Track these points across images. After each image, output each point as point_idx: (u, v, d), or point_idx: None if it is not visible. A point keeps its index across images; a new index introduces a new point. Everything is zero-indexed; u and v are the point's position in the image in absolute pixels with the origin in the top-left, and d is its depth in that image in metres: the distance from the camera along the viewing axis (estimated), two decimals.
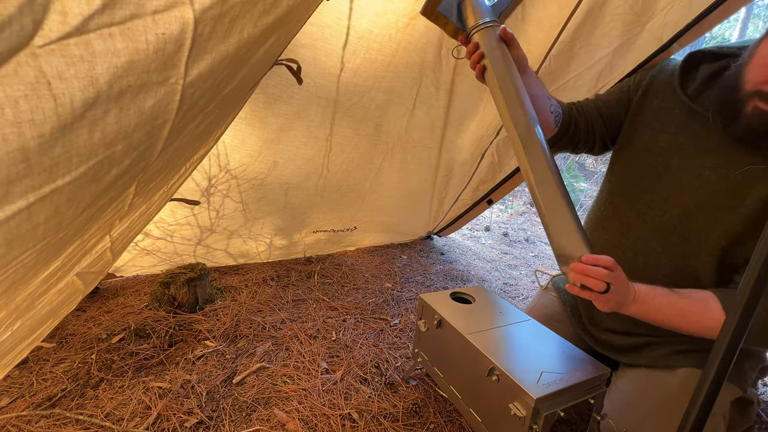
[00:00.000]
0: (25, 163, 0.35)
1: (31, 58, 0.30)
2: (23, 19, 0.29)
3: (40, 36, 0.30)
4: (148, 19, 0.34)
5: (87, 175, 0.44)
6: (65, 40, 0.31)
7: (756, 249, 0.52)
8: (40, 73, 0.31)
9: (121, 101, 0.38)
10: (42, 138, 0.34)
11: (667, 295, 0.82)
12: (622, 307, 0.80)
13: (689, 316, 0.81)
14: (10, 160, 0.34)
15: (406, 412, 1.16)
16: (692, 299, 0.82)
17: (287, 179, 1.75)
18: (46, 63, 0.31)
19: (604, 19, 1.42)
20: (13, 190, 0.37)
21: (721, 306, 0.80)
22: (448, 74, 1.62)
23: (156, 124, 0.47)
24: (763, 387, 1.48)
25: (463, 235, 3.18)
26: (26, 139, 0.33)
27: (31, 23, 0.29)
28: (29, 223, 0.42)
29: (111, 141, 0.42)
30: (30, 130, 0.33)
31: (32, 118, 0.32)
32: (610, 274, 0.73)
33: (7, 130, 0.31)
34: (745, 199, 0.81)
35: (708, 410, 0.58)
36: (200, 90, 0.50)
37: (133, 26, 0.34)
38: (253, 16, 0.47)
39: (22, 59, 0.30)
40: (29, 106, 0.32)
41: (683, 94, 0.91)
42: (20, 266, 0.48)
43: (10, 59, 0.29)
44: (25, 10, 0.29)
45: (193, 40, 0.39)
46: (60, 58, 0.31)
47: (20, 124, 0.32)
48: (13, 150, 0.33)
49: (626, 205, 1.01)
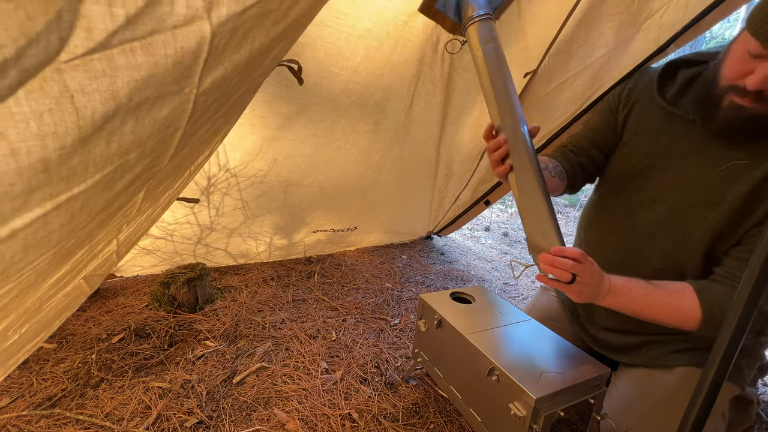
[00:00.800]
0: (46, 174, 0.36)
1: (57, 73, 0.31)
2: (50, 36, 0.30)
3: (66, 52, 0.31)
4: (168, 33, 0.35)
5: (101, 183, 0.44)
6: (89, 56, 0.32)
7: (756, 249, 0.53)
8: (64, 88, 0.32)
9: (138, 112, 0.39)
10: (63, 150, 0.35)
11: (643, 287, 0.84)
12: (597, 299, 0.83)
13: (665, 306, 0.84)
14: (31, 171, 0.34)
15: (406, 412, 1.17)
16: (668, 290, 0.85)
17: (287, 177, 1.75)
18: (70, 78, 0.32)
19: (602, 18, 1.42)
20: (32, 198, 0.38)
21: (697, 296, 0.83)
22: (445, 70, 1.63)
23: (168, 132, 0.48)
24: (763, 387, 1.49)
25: (463, 235, 3.20)
26: (48, 150, 0.34)
27: (57, 40, 0.30)
28: (45, 230, 0.43)
29: (126, 150, 0.43)
30: (52, 142, 0.33)
31: (55, 131, 0.33)
32: (577, 265, 0.77)
33: (31, 142, 0.32)
34: (726, 195, 0.83)
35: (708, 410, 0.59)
36: (211, 98, 0.51)
37: (153, 41, 0.34)
38: (264, 27, 0.47)
39: (48, 74, 0.31)
40: (53, 120, 0.32)
41: (662, 100, 0.94)
42: (33, 271, 0.49)
43: (36, 74, 0.30)
44: (52, 27, 0.29)
45: (209, 53, 0.40)
46: (83, 73, 0.32)
47: (44, 137, 0.33)
48: (36, 161, 0.34)
49: (616, 206, 1.04)
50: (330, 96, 1.51)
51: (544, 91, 1.73)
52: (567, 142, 1.16)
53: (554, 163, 1.05)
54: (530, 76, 1.73)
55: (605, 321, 1.09)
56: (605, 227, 1.07)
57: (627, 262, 1.00)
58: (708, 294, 0.83)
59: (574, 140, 1.15)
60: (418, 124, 1.84)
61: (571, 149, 1.13)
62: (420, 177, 2.16)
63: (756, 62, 0.71)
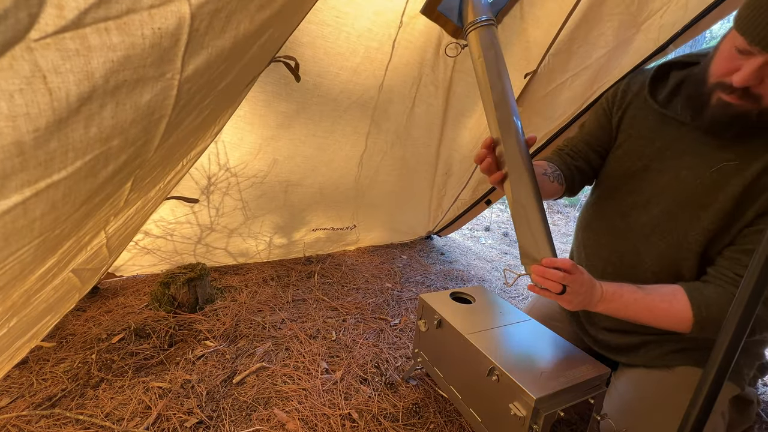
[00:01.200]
0: (21, 157, 0.35)
1: (27, 52, 0.30)
2: (19, 12, 0.29)
3: (36, 30, 0.30)
4: (145, 13, 0.34)
5: (83, 170, 0.43)
6: (61, 34, 0.31)
7: (756, 249, 0.52)
8: (35, 67, 0.31)
9: (117, 96, 0.38)
10: (37, 132, 0.34)
11: (633, 292, 0.85)
12: (589, 306, 0.84)
13: (656, 311, 0.84)
14: (5, 153, 0.34)
15: (406, 412, 1.16)
16: (659, 294, 0.85)
17: (287, 177, 1.75)
18: (41, 57, 0.31)
19: (602, 18, 1.42)
20: (9, 184, 0.37)
21: (688, 298, 0.82)
22: (446, 72, 1.62)
23: (152, 119, 0.47)
24: (763, 387, 1.47)
25: (463, 235, 3.18)
26: (21, 132, 0.33)
27: (26, 17, 0.29)
28: (25, 218, 0.42)
29: (107, 136, 0.42)
30: (25, 123, 0.33)
31: (27, 111, 0.32)
32: (567, 276, 0.78)
33: (2, 123, 0.31)
34: (719, 196, 0.83)
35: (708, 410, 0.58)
36: (196, 85, 0.50)
37: (129, 21, 0.34)
38: (249, 11, 0.47)
39: (18, 53, 0.30)
40: (24, 100, 0.32)
41: (654, 102, 0.95)
42: (17, 262, 0.48)
43: (5, 53, 0.29)
44: (20, 4, 0.29)
45: (190, 35, 0.39)
46: (55, 52, 0.31)
47: (15, 118, 0.32)
48: (9, 143, 0.33)
49: (612, 208, 1.04)
50: (330, 96, 1.50)
51: (544, 91, 1.72)
52: (563, 145, 1.17)
53: (553, 168, 1.06)
54: (530, 76, 1.72)
55: (604, 321, 1.08)
56: (602, 229, 1.08)
57: (624, 264, 1.00)
58: (699, 295, 0.82)
59: (570, 143, 1.15)
60: (419, 125, 1.84)
61: (568, 152, 1.13)
62: (419, 176, 2.16)
63: (743, 59, 0.71)
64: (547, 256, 0.81)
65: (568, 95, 1.66)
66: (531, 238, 0.84)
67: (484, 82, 0.90)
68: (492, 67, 0.89)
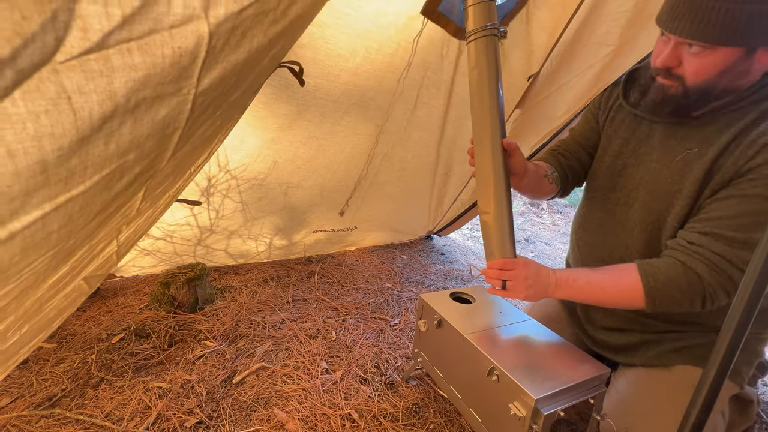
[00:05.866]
0: (44, 175, 0.36)
1: (53, 74, 0.31)
2: (46, 36, 0.29)
3: (62, 52, 0.31)
4: (165, 33, 0.35)
5: (100, 184, 0.44)
6: (86, 56, 0.32)
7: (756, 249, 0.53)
8: (61, 89, 0.32)
9: (136, 113, 0.39)
10: (61, 151, 0.35)
11: (586, 274, 0.92)
12: (546, 294, 0.93)
13: (608, 288, 0.90)
14: (29, 172, 0.34)
15: (406, 412, 1.17)
16: (611, 272, 0.92)
17: (287, 179, 1.75)
18: (66, 78, 0.32)
19: (606, 18, 1.42)
20: (31, 200, 0.37)
21: (638, 270, 0.87)
22: (449, 74, 1.63)
23: (167, 132, 0.48)
24: (763, 387, 1.49)
25: (463, 235, 3.20)
26: (46, 152, 0.34)
27: (53, 40, 0.30)
28: (44, 231, 0.42)
29: (124, 151, 0.43)
30: (50, 143, 0.33)
31: (52, 132, 0.33)
32: (504, 272, 0.92)
33: (28, 144, 0.32)
34: (685, 182, 0.88)
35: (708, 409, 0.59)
36: (210, 98, 0.51)
37: (150, 41, 0.34)
38: (263, 26, 0.47)
39: (44, 75, 0.31)
40: (50, 121, 0.32)
41: (626, 104, 1.02)
42: (32, 273, 0.49)
43: (32, 75, 0.30)
44: (48, 27, 0.29)
45: (207, 53, 0.40)
46: (80, 73, 0.32)
47: (41, 138, 0.32)
48: (33, 163, 0.34)
49: (599, 206, 1.10)
50: (330, 98, 1.50)
51: (547, 92, 1.72)
52: (556, 146, 1.22)
53: (551, 169, 1.13)
54: (533, 78, 1.72)
55: (603, 320, 1.10)
56: (592, 227, 1.12)
57: (615, 259, 1.04)
58: (648, 267, 0.86)
59: (563, 144, 1.21)
60: (420, 127, 1.84)
61: (561, 152, 1.19)
62: (420, 177, 2.16)
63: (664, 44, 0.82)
64: (501, 257, 0.94)
65: (570, 95, 1.65)
66: (487, 243, 0.97)
67: (475, 95, 0.97)
68: (484, 82, 0.95)
